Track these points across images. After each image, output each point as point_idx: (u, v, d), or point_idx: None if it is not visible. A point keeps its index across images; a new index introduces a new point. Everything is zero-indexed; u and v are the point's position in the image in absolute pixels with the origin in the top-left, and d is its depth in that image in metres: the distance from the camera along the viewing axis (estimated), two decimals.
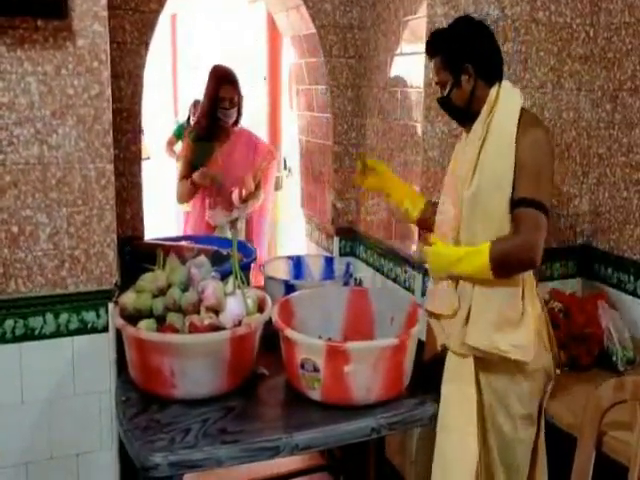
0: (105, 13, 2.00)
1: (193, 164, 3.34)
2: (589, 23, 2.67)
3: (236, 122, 3.40)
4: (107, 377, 2.14)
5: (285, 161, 6.40)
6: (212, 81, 3.31)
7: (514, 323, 1.94)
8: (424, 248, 2.03)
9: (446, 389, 2.00)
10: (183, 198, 3.46)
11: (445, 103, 2.05)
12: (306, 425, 1.86)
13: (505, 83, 2.01)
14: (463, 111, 2.02)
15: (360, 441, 1.97)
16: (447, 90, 2.00)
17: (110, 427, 2.16)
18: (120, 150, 2.49)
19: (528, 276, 2.01)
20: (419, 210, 2.26)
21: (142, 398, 1.96)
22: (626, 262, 2.59)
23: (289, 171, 6.66)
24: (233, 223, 3.37)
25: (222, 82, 3.28)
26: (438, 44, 2.02)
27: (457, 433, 1.96)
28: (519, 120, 1.91)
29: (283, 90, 5.93)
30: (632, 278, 2.55)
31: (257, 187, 3.43)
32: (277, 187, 6.13)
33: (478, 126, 1.97)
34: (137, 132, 2.62)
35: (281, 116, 6.02)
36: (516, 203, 1.89)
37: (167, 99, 9.94)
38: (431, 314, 2.09)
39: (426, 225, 2.25)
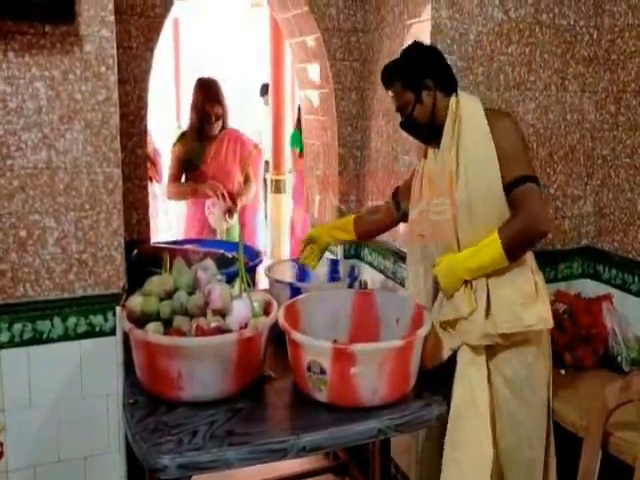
0: (112, 18, 2.02)
1: (185, 165, 3.68)
2: (593, 25, 2.67)
3: (223, 127, 3.71)
4: (114, 380, 2.15)
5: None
6: (198, 97, 3.62)
7: (532, 296, 2.03)
8: (434, 270, 2.10)
9: (458, 391, 2.03)
10: (179, 198, 3.83)
11: (409, 123, 2.13)
12: (313, 427, 1.87)
13: (461, 92, 2.11)
14: (427, 126, 2.10)
15: (365, 442, 1.98)
16: (410, 109, 2.09)
17: (118, 430, 2.17)
18: (126, 154, 2.51)
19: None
20: (352, 232, 2.49)
21: (149, 401, 1.97)
22: (630, 263, 2.59)
23: (290, 174, 6.66)
24: (231, 212, 3.63)
25: (207, 99, 3.60)
26: (394, 71, 2.12)
27: (473, 438, 1.98)
28: (485, 116, 2.03)
29: (287, 94, 5.95)
30: (636, 279, 2.55)
31: (247, 180, 3.78)
32: (280, 190, 6.18)
33: (447, 134, 2.05)
34: (143, 136, 2.64)
35: (284, 120, 6.04)
36: (508, 188, 1.98)
37: (169, 103, 9.94)
38: (444, 324, 2.10)
39: (367, 236, 2.54)
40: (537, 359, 2.07)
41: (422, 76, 2.06)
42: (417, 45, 2.16)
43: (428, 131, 2.12)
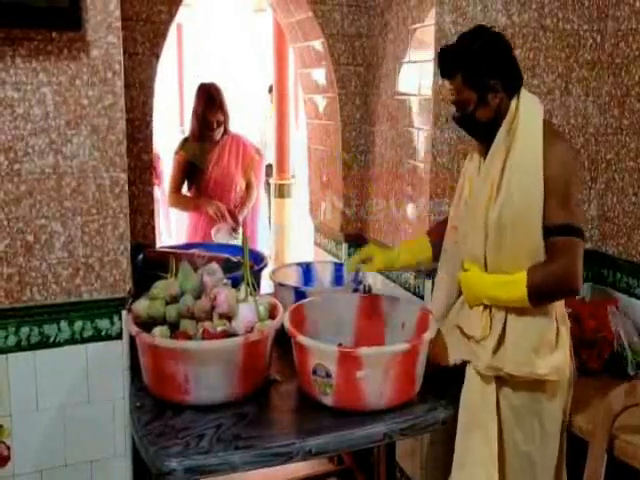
0: (119, 24, 2.03)
1: (188, 170, 3.66)
2: (596, 29, 2.68)
3: (224, 133, 3.70)
4: (121, 384, 2.16)
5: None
6: (199, 103, 3.61)
7: (551, 345, 1.92)
8: (460, 275, 2.04)
9: (465, 417, 1.97)
10: (180, 209, 3.89)
11: (468, 121, 1.97)
12: (319, 430, 1.87)
13: (524, 92, 1.95)
14: (488, 127, 1.93)
15: (371, 446, 1.98)
16: (471, 108, 1.91)
17: (124, 434, 2.18)
18: (131, 159, 2.51)
19: None
20: (430, 253, 2.23)
21: (156, 404, 1.98)
22: (635, 267, 2.59)
23: (293, 178, 6.69)
24: (235, 230, 3.61)
25: (208, 106, 3.58)
26: (457, 62, 1.90)
27: (479, 467, 1.93)
28: (543, 133, 1.86)
29: (290, 99, 5.98)
30: None
31: (249, 186, 3.78)
32: (284, 195, 6.20)
33: (499, 141, 1.91)
34: (148, 141, 2.65)
35: (288, 125, 6.06)
36: (550, 231, 1.84)
37: (173, 108, 9.98)
38: (460, 330, 2.05)
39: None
40: (551, 406, 1.95)
41: (489, 76, 1.86)
42: (483, 33, 1.90)
43: (487, 131, 1.94)
